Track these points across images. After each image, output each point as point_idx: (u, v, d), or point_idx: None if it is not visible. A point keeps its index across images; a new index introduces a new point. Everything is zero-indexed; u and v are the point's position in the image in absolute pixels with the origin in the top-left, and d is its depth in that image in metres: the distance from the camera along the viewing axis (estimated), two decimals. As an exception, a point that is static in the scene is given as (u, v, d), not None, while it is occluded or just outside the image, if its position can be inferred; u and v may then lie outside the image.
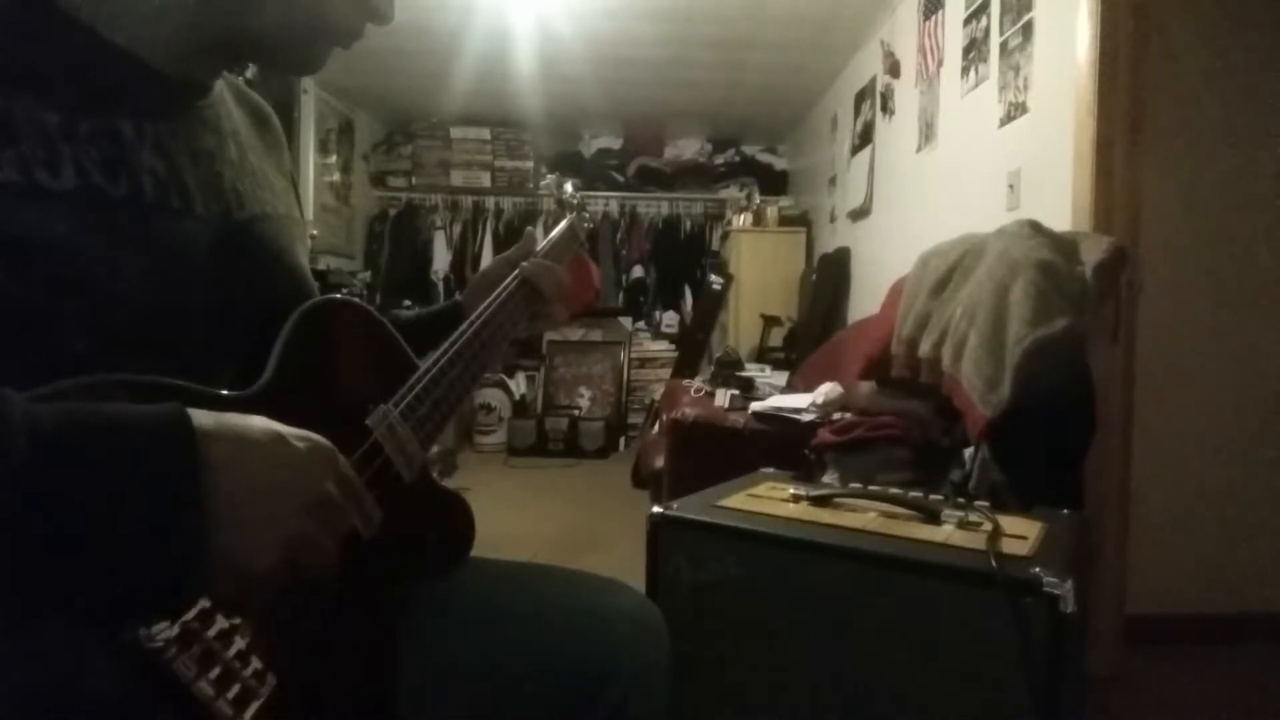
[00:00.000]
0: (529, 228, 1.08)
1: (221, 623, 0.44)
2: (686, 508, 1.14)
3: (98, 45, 0.54)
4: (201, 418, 0.44)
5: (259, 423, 0.48)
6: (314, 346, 0.60)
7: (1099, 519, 1.71)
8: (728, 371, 3.19)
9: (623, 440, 4.99)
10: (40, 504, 0.38)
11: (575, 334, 5.28)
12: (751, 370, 3.46)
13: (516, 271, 0.87)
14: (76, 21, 0.53)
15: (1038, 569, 0.88)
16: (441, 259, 5.12)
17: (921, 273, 1.89)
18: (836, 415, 2.09)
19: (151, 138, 0.56)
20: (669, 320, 5.32)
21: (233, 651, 0.44)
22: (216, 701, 0.43)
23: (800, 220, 4.71)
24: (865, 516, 1.10)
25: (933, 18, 2.81)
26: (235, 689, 0.44)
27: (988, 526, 1.03)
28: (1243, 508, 2.08)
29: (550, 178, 1.13)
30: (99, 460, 0.40)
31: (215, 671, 0.43)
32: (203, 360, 0.54)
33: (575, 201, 1.10)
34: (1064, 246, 1.56)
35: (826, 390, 2.26)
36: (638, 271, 5.33)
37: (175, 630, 0.42)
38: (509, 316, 0.83)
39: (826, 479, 1.74)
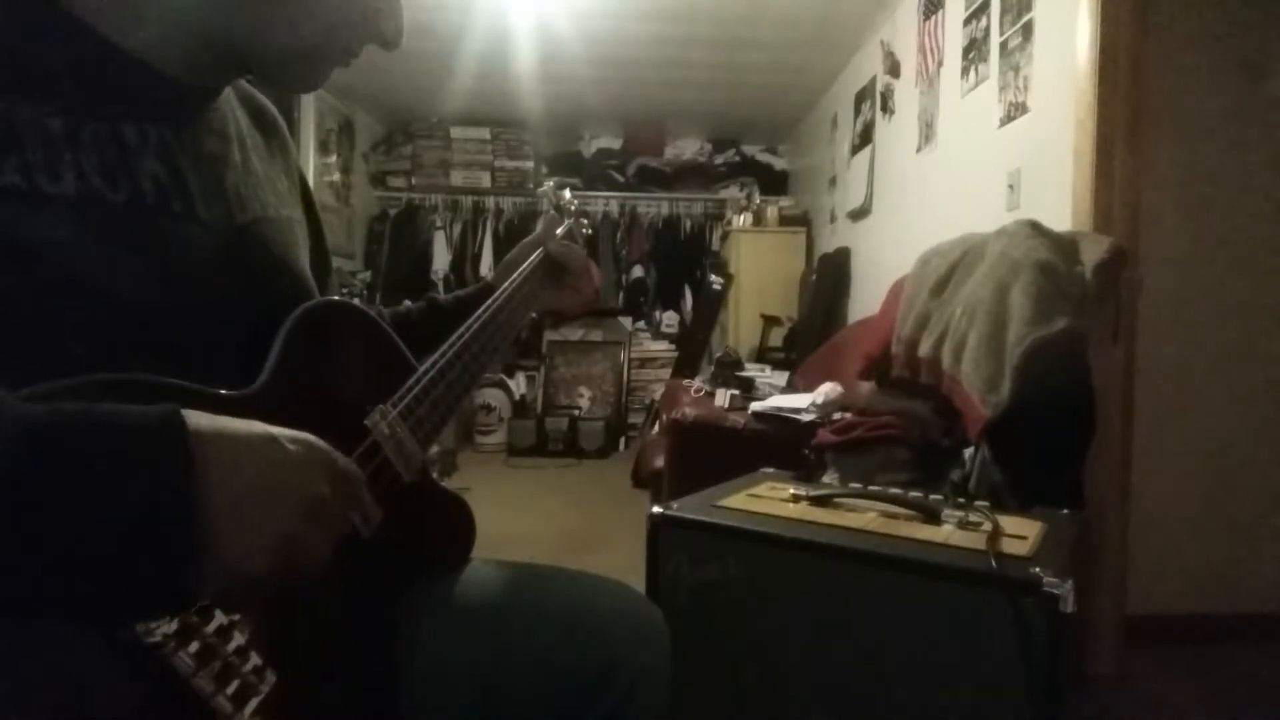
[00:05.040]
0: (551, 213, 1.12)
1: (220, 618, 0.44)
2: (686, 508, 1.14)
3: (104, 49, 0.54)
4: (196, 418, 0.44)
5: (253, 425, 0.47)
6: (312, 347, 0.60)
7: (1099, 519, 1.70)
8: (728, 371, 3.19)
9: (623, 440, 4.98)
10: (33, 504, 0.38)
11: (575, 334, 5.28)
12: (751, 370, 3.46)
13: (540, 250, 0.94)
14: (82, 25, 0.53)
15: (1037, 569, 0.88)
16: (441, 259, 5.11)
17: (921, 273, 1.89)
18: (836, 415, 2.09)
19: (155, 142, 0.56)
20: (669, 320, 5.32)
21: (232, 647, 0.44)
22: (216, 697, 0.42)
23: (800, 220, 4.71)
24: (865, 516, 1.10)
25: (933, 18, 2.82)
26: (234, 685, 0.44)
27: (988, 526, 1.03)
28: (1243, 508, 2.08)
29: (548, 184, 1.15)
30: (93, 460, 0.40)
31: (214, 667, 0.43)
32: (203, 363, 0.54)
33: (573, 208, 1.11)
34: (1064, 246, 1.56)
35: (826, 390, 2.26)
36: (638, 271, 5.33)
37: (174, 625, 0.42)
38: (531, 291, 0.90)
39: (826, 479, 1.74)
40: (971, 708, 0.91)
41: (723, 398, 2.65)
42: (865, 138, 3.64)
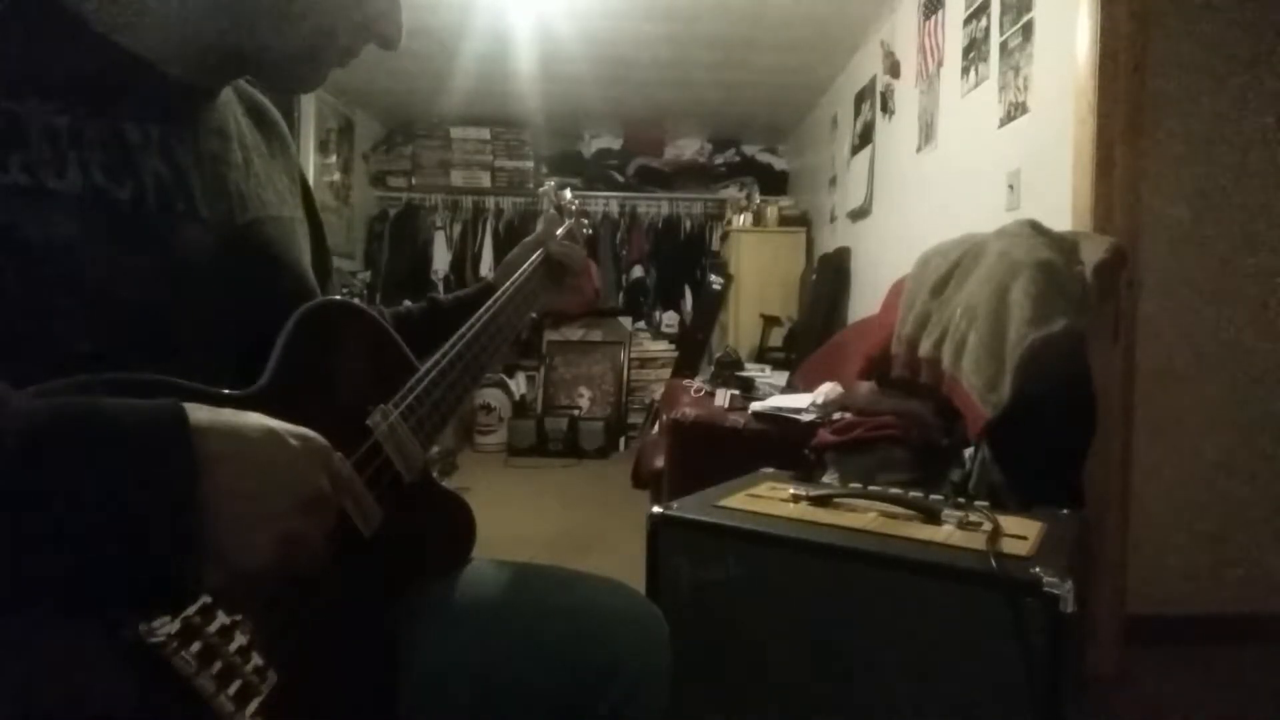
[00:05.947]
0: (551, 212, 1.11)
1: (222, 619, 0.44)
2: (686, 508, 1.15)
3: (106, 49, 0.54)
4: (197, 413, 0.44)
5: (254, 419, 0.47)
6: (314, 348, 0.60)
7: (1099, 519, 1.71)
8: (728, 371, 3.19)
9: (623, 440, 4.99)
10: (34, 499, 0.38)
11: (575, 334, 5.28)
12: (751, 370, 3.46)
13: (540, 251, 0.95)
14: (85, 25, 0.54)
15: (1038, 569, 0.88)
16: (441, 259, 5.12)
17: (921, 273, 1.89)
18: (836, 415, 2.09)
19: (157, 141, 0.56)
20: (669, 320, 5.32)
21: (234, 647, 0.44)
22: (218, 697, 0.43)
23: (800, 220, 4.71)
24: (865, 516, 1.10)
25: (933, 18, 2.82)
26: (236, 685, 0.44)
27: (988, 526, 1.03)
28: (1243, 508, 2.08)
29: (549, 184, 1.15)
30: (94, 455, 0.40)
31: (216, 667, 0.43)
32: (205, 362, 0.54)
33: (573, 208, 1.11)
34: (1064, 246, 1.56)
35: (826, 390, 2.25)
36: (638, 271, 5.33)
37: (176, 625, 0.42)
38: (531, 291, 0.91)
39: (826, 479, 1.74)
40: (972, 708, 0.91)
41: (723, 398, 2.65)
42: (865, 138, 3.64)
